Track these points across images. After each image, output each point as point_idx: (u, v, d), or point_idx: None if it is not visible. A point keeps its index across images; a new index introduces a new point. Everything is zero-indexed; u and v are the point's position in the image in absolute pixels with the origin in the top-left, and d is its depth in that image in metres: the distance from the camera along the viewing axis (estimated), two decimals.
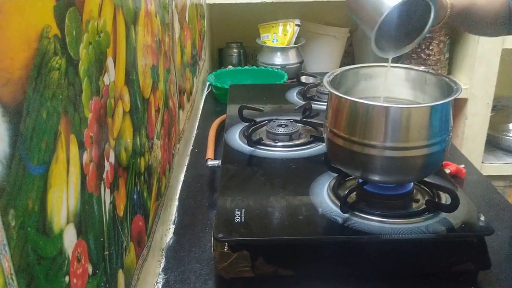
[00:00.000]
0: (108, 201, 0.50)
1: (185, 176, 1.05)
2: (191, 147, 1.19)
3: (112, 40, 0.53)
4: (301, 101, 1.23)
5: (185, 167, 1.10)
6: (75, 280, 0.40)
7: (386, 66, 0.79)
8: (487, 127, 1.81)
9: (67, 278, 0.39)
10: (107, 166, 0.50)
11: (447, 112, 0.68)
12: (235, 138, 1.02)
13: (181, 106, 1.07)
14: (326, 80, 0.74)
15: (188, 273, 0.74)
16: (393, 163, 0.68)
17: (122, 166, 0.56)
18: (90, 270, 0.44)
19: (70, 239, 0.40)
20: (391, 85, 0.79)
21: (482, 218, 0.71)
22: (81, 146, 0.43)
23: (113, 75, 0.53)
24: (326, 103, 1.20)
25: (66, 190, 0.39)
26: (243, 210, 0.74)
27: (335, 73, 0.77)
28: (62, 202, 0.39)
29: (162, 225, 0.80)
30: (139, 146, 0.63)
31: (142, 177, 0.65)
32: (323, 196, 0.77)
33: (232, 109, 1.16)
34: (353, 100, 0.68)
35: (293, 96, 1.29)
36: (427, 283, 0.70)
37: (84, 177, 0.43)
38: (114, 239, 0.52)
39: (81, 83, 0.44)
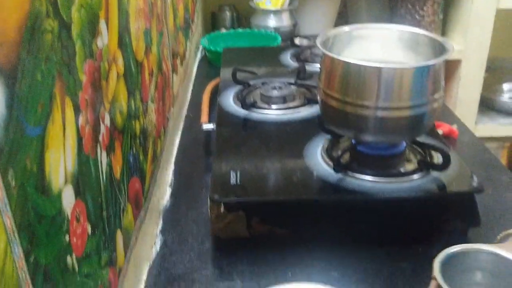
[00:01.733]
0: (104, 163, 0.51)
1: (180, 140, 1.06)
2: (185, 111, 1.20)
3: (104, 3, 0.52)
4: (295, 64, 1.23)
5: (180, 131, 1.10)
6: (75, 239, 0.41)
7: (380, 27, 0.79)
8: (480, 88, 1.81)
9: (67, 237, 0.40)
10: (102, 129, 0.51)
11: (439, 72, 0.68)
12: (229, 101, 1.02)
13: (174, 70, 1.07)
14: (319, 41, 0.74)
15: (185, 234, 0.76)
16: (386, 123, 0.69)
17: (118, 129, 0.57)
18: (89, 229, 0.45)
19: (68, 200, 0.40)
20: (385, 46, 0.79)
21: (473, 176, 0.72)
22: (77, 109, 0.44)
23: (106, 38, 0.53)
24: (319, 65, 1.20)
25: (63, 151, 0.40)
26: (238, 172, 0.75)
27: (328, 34, 0.77)
28: (60, 163, 0.39)
29: (158, 188, 0.82)
30: (133, 109, 0.63)
31: (138, 140, 0.65)
32: (317, 158, 0.78)
33: (226, 73, 1.16)
34: (346, 61, 0.68)
35: (287, 58, 1.28)
36: (419, 240, 0.71)
37: (80, 139, 0.44)
38: (112, 200, 0.53)
39: (74, 46, 0.44)
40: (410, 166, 0.75)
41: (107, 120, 0.53)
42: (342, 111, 0.71)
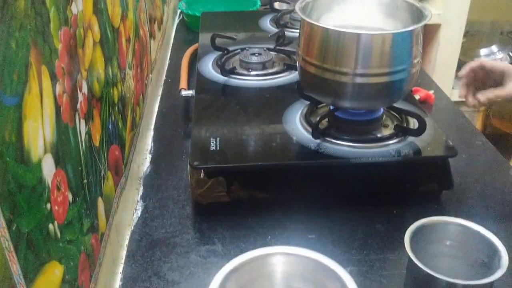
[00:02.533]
0: (83, 131, 0.51)
1: (159, 106, 1.06)
2: (164, 77, 1.19)
3: None
4: (275, 29, 1.22)
5: (159, 97, 1.10)
6: (56, 207, 0.41)
7: None
8: (458, 53, 1.83)
9: (48, 205, 0.40)
10: (80, 97, 0.51)
11: (417, 39, 0.69)
12: (208, 67, 1.02)
13: (152, 35, 1.05)
14: (298, 6, 0.73)
15: (166, 200, 0.77)
16: (363, 89, 0.70)
17: (96, 97, 0.57)
18: (70, 197, 0.45)
19: (49, 168, 0.41)
20: (364, 12, 0.79)
21: (447, 141, 0.74)
22: (53, 77, 0.43)
23: (81, 4, 0.52)
24: (299, 30, 1.20)
25: (41, 121, 0.40)
26: (218, 138, 0.75)
27: (308, 0, 0.76)
28: (38, 132, 0.39)
29: (138, 155, 0.82)
30: (111, 77, 0.63)
31: (116, 107, 0.65)
32: (296, 124, 0.79)
33: (204, 38, 1.15)
34: (324, 27, 0.68)
35: (267, 23, 1.27)
36: (394, 203, 0.74)
37: (58, 108, 0.44)
38: (92, 168, 0.53)
39: (48, 12, 0.43)
40: (387, 132, 0.77)
41: (85, 88, 0.52)
42: (320, 78, 0.71)
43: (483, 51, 2.03)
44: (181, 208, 0.75)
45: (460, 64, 1.87)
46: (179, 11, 1.55)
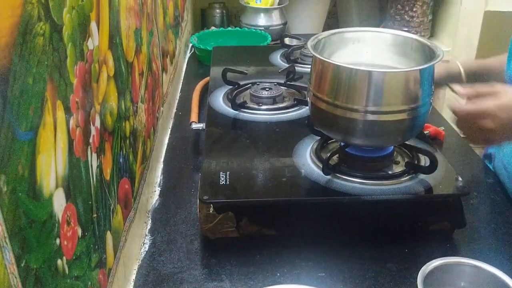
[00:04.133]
0: (95, 165, 0.51)
1: (169, 139, 1.06)
2: (175, 110, 1.20)
3: (95, 3, 0.52)
4: (285, 64, 1.23)
5: (169, 129, 1.10)
6: (65, 242, 0.41)
7: (372, 31, 0.80)
8: None
9: (57, 240, 0.40)
10: (93, 131, 0.51)
11: (429, 77, 0.69)
12: (219, 101, 1.02)
13: (164, 69, 1.07)
14: (310, 44, 0.74)
15: (174, 234, 0.76)
16: (375, 127, 0.70)
17: (108, 130, 0.57)
18: (79, 232, 0.45)
19: (59, 203, 0.40)
20: (376, 50, 0.79)
21: (459, 179, 0.73)
22: (68, 111, 0.44)
23: (97, 40, 0.53)
24: (309, 66, 1.21)
25: (54, 155, 0.40)
26: (228, 172, 0.75)
27: (320, 37, 0.77)
28: (51, 167, 0.39)
29: (148, 188, 0.82)
30: (124, 110, 0.63)
31: (128, 141, 0.65)
32: (306, 159, 0.79)
33: (216, 72, 1.16)
34: (336, 64, 0.69)
35: (277, 58, 1.28)
36: (405, 241, 0.73)
37: (71, 142, 0.44)
38: (102, 202, 0.53)
39: (65, 48, 0.44)
40: (397, 168, 0.76)
41: (98, 122, 0.53)
42: (331, 114, 0.71)
43: None
44: (189, 242, 0.74)
45: None
46: (190, 45, 1.58)
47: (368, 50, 0.81)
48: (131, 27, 0.68)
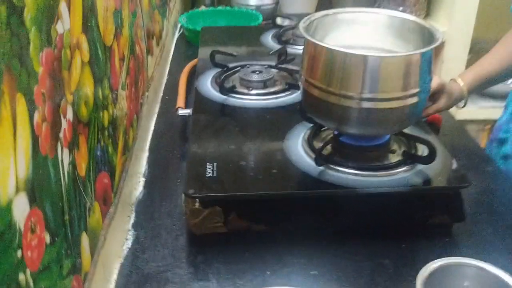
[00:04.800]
0: (66, 162, 0.46)
1: (155, 125, 1.01)
2: (161, 94, 1.14)
3: None
4: (277, 45, 1.18)
5: (156, 115, 1.05)
6: (29, 253, 0.37)
7: (368, 11, 0.75)
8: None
9: (19, 252, 0.35)
10: (64, 124, 0.46)
11: (428, 61, 0.65)
12: (207, 85, 0.97)
13: (149, 51, 1.01)
14: (302, 26, 0.69)
15: (159, 228, 0.72)
16: (371, 115, 0.65)
17: (83, 122, 0.52)
18: (48, 239, 0.41)
19: (21, 210, 0.36)
20: (372, 32, 0.75)
21: (459, 170, 0.70)
22: (31, 105, 0.39)
23: (67, 23, 0.48)
24: (302, 47, 1.17)
25: (14, 155, 0.35)
26: (215, 164, 0.71)
27: (312, 19, 0.72)
28: (10, 169, 0.35)
29: (131, 179, 0.77)
30: (101, 99, 0.58)
31: (106, 131, 0.61)
32: (298, 148, 0.75)
33: (204, 54, 1.11)
34: (329, 48, 0.64)
35: (268, 39, 1.23)
36: (402, 236, 0.69)
37: (35, 139, 0.39)
38: (75, 201, 0.49)
39: (27, 33, 0.39)
40: (394, 158, 0.72)
41: (70, 114, 0.48)
42: (324, 101, 0.67)
43: None
44: (174, 238, 0.70)
45: None
46: (179, 25, 1.52)
47: (364, 32, 0.76)
48: (109, 9, 0.63)
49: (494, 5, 1.77)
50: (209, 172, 0.69)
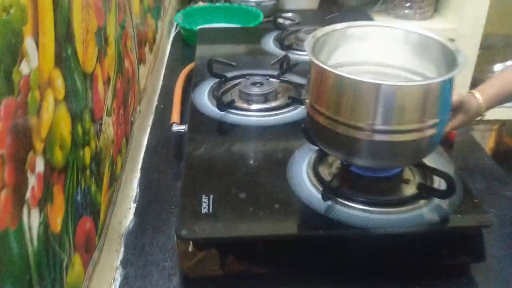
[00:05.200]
0: (35, 225, 0.40)
1: (148, 139, 0.95)
2: (155, 103, 1.08)
3: (31, 13, 0.40)
4: (278, 50, 1.11)
5: (149, 127, 0.99)
6: None
7: (381, 26, 0.68)
8: (472, 69, 1.72)
9: None
10: (32, 181, 0.40)
11: (449, 89, 0.58)
12: (204, 98, 0.91)
13: (141, 61, 0.94)
14: (307, 44, 0.62)
15: (150, 266, 0.66)
16: (384, 148, 0.59)
17: (58, 168, 0.46)
18: None
19: None
20: (385, 48, 0.68)
21: (480, 205, 0.63)
22: None
23: (35, 59, 0.41)
24: (305, 53, 1.10)
25: None
26: (211, 196, 0.64)
27: (319, 35, 0.65)
28: None
29: (120, 208, 0.71)
30: (81, 136, 0.52)
31: (88, 170, 0.54)
32: (302, 176, 0.68)
33: (201, 59, 1.04)
34: (338, 74, 0.57)
35: (270, 43, 1.16)
36: (416, 278, 0.63)
37: None
38: (48, 266, 0.42)
39: None
40: (408, 189, 0.66)
41: (40, 166, 0.41)
42: (331, 131, 0.60)
43: (498, 67, 1.91)
44: (167, 278, 0.64)
45: (473, 80, 1.75)
46: (175, 23, 1.44)
47: (376, 47, 0.69)
48: (90, 29, 0.56)
49: (506, 2, 1.69)
50: (205, 207, 0.62)
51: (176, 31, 1.45)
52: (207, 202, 0.63)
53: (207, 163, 0.72)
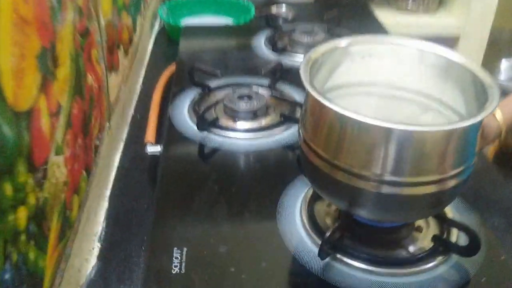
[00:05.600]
0: None
1: (121, 158, 0.83)
2: (132, 113, 0.96)
3: None
4: (270, 53, 0.99)
5: (123, 143, 0.87)
6: None
7: (391, 42, 0.57)
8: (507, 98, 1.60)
9: None
10: None
11: (476, 132, 0.47)
12: (183, 113, 0.79)
13: (113, 69, 0.82)
14: (303, 67, 0.50)
15: None
16: (395, 201, 0.48)
17: None
18: None
19: None
20: (397, 68, 0.57)
21: (508, 262, 0.53)
22: None
23: None
24: (301, 56, 0.99)
25: None
26: (185, 250, 0.53)
27: (315, 55, 0.53)
28: None
29: (79, 256, 0.60)
30: (10, 197, 0.40)
31: (24, 235, 0.43)
32: (295, 221, 0.58)
33: (183, 64, 0.93)
34: (338, 112, 0.45)
35: (261, 45, 1.04)
36: None
37: None
38: None
39: None
40: (421, 241, 0.55)
41: None
42: (330, 177, 0.49)
43: (504, 64, 1.79)
44: None
45: None
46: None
47: (385, 67, 0.58)
48: (28, 53, 0.44)
49: None
50: (176, 265, 0.52)
51: (161, 26, 1.33)
52: (179, 258, 0.52)
53: (182, 201, 0.61)
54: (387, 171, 0.45)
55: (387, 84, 0.59)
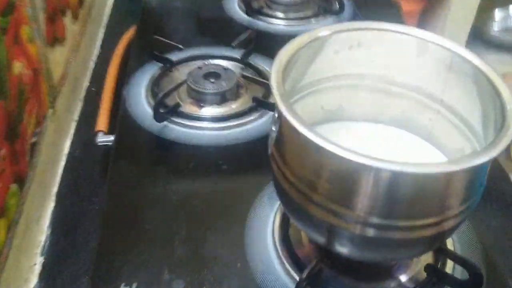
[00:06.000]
0: None
1: (72, 144, 0.73)
2: (86, 84, 0.84)
3: None
4: (244, 16, 0.87)
5: (75, 124, 0.76)
6: None
7: (383, 30, 0.46)
8: (472, 18, 1.48)
9: None
10: None
11: (485, 169, 0.37)
12: (140, 97, 0.69)
13: (56, 41, 0.70)
14: (274, 75, 0.40)
15: None
16: (382, 245, 0.39)
17: None
18: None
19: None
20: (393, 60, 0.47)
21: None
22: None
23: None
24: (278, 21, 0.89)
25: None
26: (135, 285, 0.45)
27: (291, 51, 0.43)
28: None
29: (18, 272, 0.51)
30: None
31: None
32: (266, 244, 0.49)
33: (142, 32, 0.81)
34: (314, 142, 0.35)
35: (235, 6, 0.91)
36: None
37: None
38: None
39: None
40: (413, 270, 0.47)
41: None
42: (305, 211, 0.40)
43: (498, 14, 1.67)
44: None
45: (473, 33, 1.52)
46: None
47: (377, 58, 0.48)
48: None
49: None
50: None
51: None
52: None
53: (133, 219, 0.52)
54: (374, 214, 0.36)
55: (379, 78, 0.50)
